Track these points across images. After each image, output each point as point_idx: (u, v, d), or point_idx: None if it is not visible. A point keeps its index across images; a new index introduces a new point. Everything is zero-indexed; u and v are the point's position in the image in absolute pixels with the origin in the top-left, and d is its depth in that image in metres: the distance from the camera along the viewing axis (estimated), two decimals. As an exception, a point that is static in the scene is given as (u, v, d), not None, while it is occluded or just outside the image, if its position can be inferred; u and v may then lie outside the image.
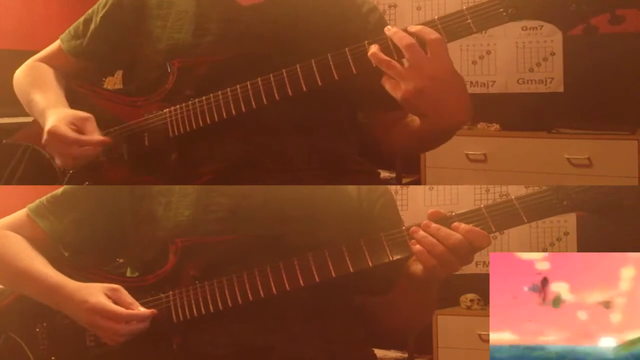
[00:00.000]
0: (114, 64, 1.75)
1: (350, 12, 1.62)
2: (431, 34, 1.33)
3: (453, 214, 1.32)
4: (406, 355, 3.21)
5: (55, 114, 1.57)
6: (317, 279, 1.36)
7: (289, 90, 1.45)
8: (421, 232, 1.31)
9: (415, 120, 1.49)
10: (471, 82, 3.55)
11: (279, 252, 1.38)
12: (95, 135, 1.55)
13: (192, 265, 1.43)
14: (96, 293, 1.42)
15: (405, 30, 1.36)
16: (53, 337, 1.50)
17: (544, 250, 3.24)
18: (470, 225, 1.30)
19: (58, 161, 1.58)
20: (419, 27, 1.34)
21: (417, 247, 1.31)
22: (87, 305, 1.41)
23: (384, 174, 3.18)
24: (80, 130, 1.54)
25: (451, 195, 3.33)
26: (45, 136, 1.54)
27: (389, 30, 1.36)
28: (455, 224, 1.30)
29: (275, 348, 1.41)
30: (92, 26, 1.70)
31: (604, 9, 1.30)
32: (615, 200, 1.27)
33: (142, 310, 1.41)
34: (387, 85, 1.36)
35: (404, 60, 1.35)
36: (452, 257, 1.30)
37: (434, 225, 1.31)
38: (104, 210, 1.53)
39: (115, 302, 1.41)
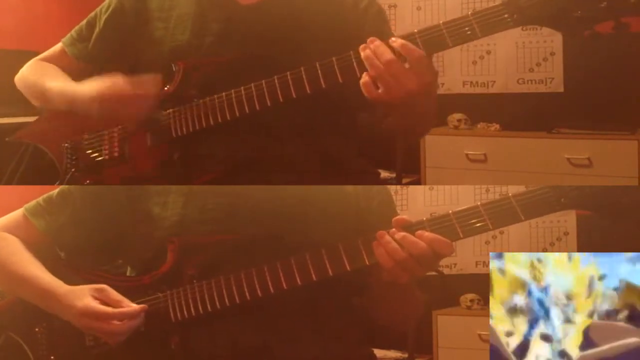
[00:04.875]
0: (118, 66, 1.75)
1: (348, 8, 1.62)
2: (414, 52, 1.34)
3: (450, 212, 1.32)
4: (406, 355, 3.21)
5: (84, 84, 1.54)
6: (314, 278, 1.36)
7: (293, 93, 1.46)
8: (387, 237, 1.32)
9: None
10: (471, 82, 3.54)
11: (276, 252, 1.38)
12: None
13: (189, 264, 1.43)
14: (82, 296, 1.42)
15: (388, 44, 1.36)
16: (53, 337, 1.50)
17: (544, 250, 3.24)
18: (433, 233, 1.30)
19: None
20: (401, 43, 1.35)
21: (380, 249, 1.32)
22: (74, 310, 1.41)
23: (384, 174, 3.18)
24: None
25: (451, 195, 3.33)
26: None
27: (373, 43, 1.37)
28: (419, 232, 1.30)
29: (273, 348, 1.42)
30: (97, 29, 1.71)
31: (609, 16, 1.30)
32: (613, 198, 1.27)
33: (132, 306, 1.41)
34: (364, 86, 1.37)
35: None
36: (414, 263, 1.30)
37: (400, 232, 1.31)
38: (100, 210, 1.53)
39: (104, 302, 1.41)
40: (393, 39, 1.37)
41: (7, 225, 1.57)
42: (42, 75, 1.70)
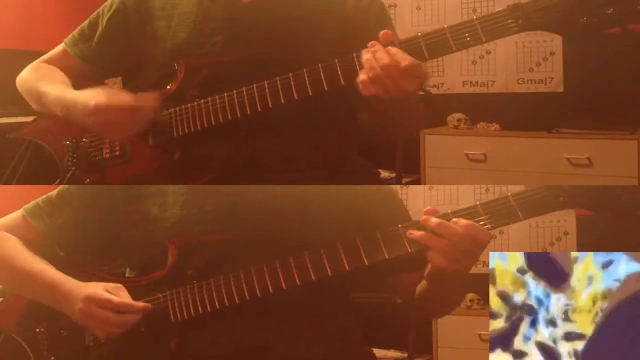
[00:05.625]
0: (120, 66, 1.75)
1: (351, 6, 1.62)
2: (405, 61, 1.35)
3: (449, 212, 1.31)
4: (406, 355, 3.21)
5: (81, 94, 1.54)
6: (313, 278, 1.35)
7: (295, 95, 1.46)
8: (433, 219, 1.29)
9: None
10: (471, 82, 3.55)
11: (276, 252, 1.38)
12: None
13: (190, 265, 1.43)
14: (95, 286, 1.42)
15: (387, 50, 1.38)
16: (53, 338, 1.50)
17: (544, 250, 3.24)
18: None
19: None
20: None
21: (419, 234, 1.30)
22: (82, 295, 1.41)
23: (384, 174, 3.18)
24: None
25: (451, 195, 3.33)
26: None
27: (373, 47, 1.38)
28: (455, 219, 1.29)
29: (273, 348, 1.41)
30: (99, 29, 1.71)
31: (616, 24, 1.29)
32: (613, 196, 1.27)
33: (136, 302, 1.42)
34: (362, 84, 1.39)
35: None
36: (456, 251, 1.28)
37: (434, 219, 1.29)
38: (99, 210, 1.53)
39: None
40: None
41: (7, 226, 1.57)
42: (40, 79, 1.69)
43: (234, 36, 1.58)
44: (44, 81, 1.67)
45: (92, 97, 1.52)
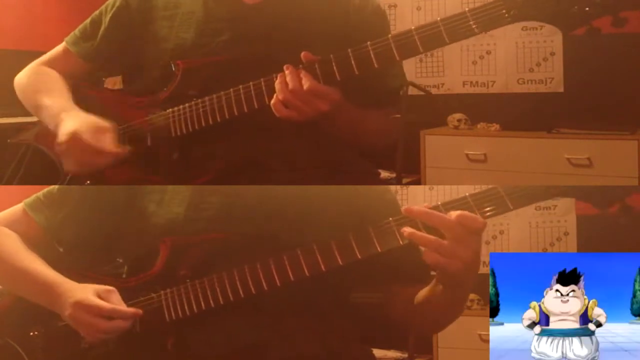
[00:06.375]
0: (121, 65, 1.75)
1: (354, 10, 1.62)
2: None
3: (439, 203, 1.30)
4: (406, 355, 3.21)
5: (71, 118, 1.56)
6: (307, 273, 1.35)
7: None
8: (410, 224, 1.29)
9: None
10: (471, 82, 3.55)
11: (271, 251, 1.38)
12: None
13: (183, 264, 1.42)
14: (85, 291, 1.41)
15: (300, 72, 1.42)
16: (48, 341, 1.50)
17: (544, 250, 3.24)
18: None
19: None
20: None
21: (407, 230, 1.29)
22: (71, 300, 1.40)
23: (384, 174, 3.18)
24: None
25: (451, 195, 3.32)
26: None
27: (287, 70, 1.44)
28: (450, 213, 1.28)
29: (270, 346, 1.41)
30: (102, 27, 1.71)
31: (607, 12, 1.30)
32: (604, 188, 1.28)
33: (126, 308, 1.41)
34: (273, 107, 1.45)
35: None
36: (450, 245, 1.27)
37: (416, 208, 1.28)
38: (99, 207, 1.53)
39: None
40: None
41: (7, 219, 1.57)
42: (39, 88, 1.69)
43: (236, 36, 1.58)
44: (43, 92, 1.68)
45: (73, 125, 1.54)
